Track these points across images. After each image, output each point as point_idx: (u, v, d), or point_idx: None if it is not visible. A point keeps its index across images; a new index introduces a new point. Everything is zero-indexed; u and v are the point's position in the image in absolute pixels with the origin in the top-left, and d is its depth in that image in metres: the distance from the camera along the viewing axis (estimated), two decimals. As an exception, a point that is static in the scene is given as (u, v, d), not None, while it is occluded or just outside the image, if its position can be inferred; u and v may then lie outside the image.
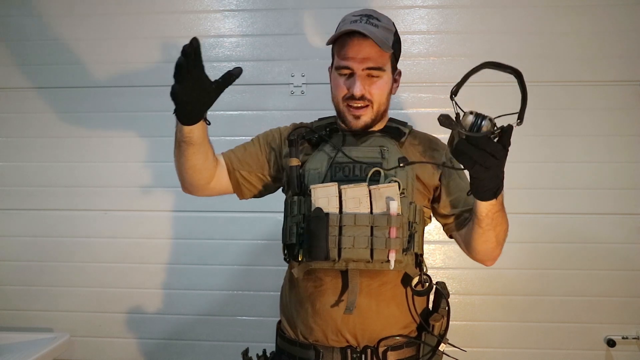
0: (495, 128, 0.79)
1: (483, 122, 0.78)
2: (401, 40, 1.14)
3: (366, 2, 1.87)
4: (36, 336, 1.78)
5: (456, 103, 0.81)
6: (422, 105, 1.90)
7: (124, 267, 1.97)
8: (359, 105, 1.05)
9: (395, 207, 0.96)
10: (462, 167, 0.83)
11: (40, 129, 2.00)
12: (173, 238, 1.96)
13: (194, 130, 1.00)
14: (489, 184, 0.86)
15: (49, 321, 1.99)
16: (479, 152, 0.79)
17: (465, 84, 0.86)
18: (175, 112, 1.00)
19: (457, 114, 0.80)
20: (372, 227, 0.97)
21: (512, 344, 1.87)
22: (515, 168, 1.89)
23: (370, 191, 0.98)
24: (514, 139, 0.81)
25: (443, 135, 1.19)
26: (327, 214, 0.96)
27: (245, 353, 1.18)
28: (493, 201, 0.90)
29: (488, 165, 0.80)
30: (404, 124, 1.15)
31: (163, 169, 1.97)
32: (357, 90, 1.03)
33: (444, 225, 1.15)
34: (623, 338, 1.83)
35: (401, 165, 0.92)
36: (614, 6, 1.85)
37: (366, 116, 1.07)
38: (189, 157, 1.05)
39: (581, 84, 1.86)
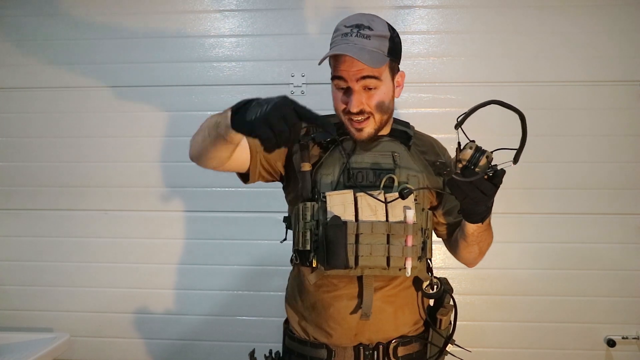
0: (489, 169, 0.83)
1: (480, 158, 0.83)
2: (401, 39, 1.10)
3: (367, 2, 1.87)
4: (36, 336, 1.78)
5: (463, 132, 0.84)
6: (422, 105, 1.90)
7: (124, 267, 1.97)
8: (360, 118, 1.03)
9: (412, 215, 0.98)
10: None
11: (40, 129, 2.00)
12: (174, 238, 1.96)
13: (240, 135, 0.89)
14: (476, 213, 0.91)
15: (49, 321, 1.99)
16: (471, 188, 0.83)
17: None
18: (236, 119, 0.85)
19: (459, 144, 0.84)
20: (388, 235, 0.98)
21: (512, 344, 1.87)
22: (516, 168, 1.89)
23: (386, 199, 0.98)
24: (514, 139, 0.82)
25: (443, 135, 1.20)
26: (345, 222, 0.97)
27: (252, 354, 1.18)
28: (480, 223, 0.95)
29: (477, 200, 0.85)
30: (407, 124, 1.15)
31: (164, 169, 1.96)
32: (354, 108, 1.01)
33: (435, 229, 1.19)
34: (623, 338, 1.83)
35: (404, 194, 0.94)
36: (614, 6, 1.85)
37: (369, 127, 1.04)
38: (219, 149, 0.95)
39: (581, 84, 1.86)
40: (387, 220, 0.98)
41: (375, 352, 1.03)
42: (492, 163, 0.84)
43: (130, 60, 1.97)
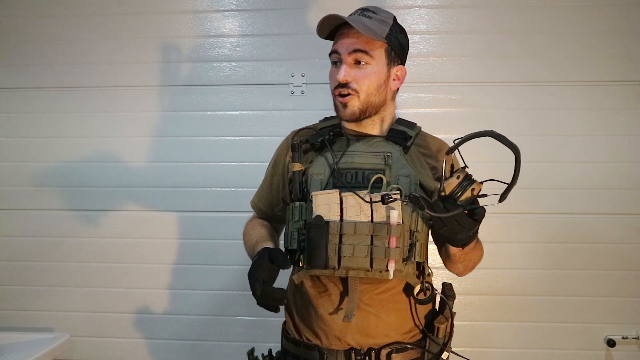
0: (471, 204, 0.81)
1: (466, 188, 0.81)
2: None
3: (366, 2, 1.87)
4: (36, 336, 1.78)
5: (459, 154, 0.84)
6: (422, 106, 1.90)
7: (124, 267, 1.97)
8: (345, 93, 1.04)
9: (395, 216, 0.95)
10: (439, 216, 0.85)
11: (40, 128, 2.00)
12: (173, 238, 1.96)
13: None
14: (457, 240, 0.89)
15: (49, 321, 1.99)
16: (449, 219, 0.82)
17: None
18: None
19: (452, 169, 0.83)
20: (372, 236, 0.96)
21: (512, 344, 1.87)
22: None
23: (371, 199, 0.97)
24: (514, 139, 0.81)
25: (443, 135, 1.20)
26: (328, 222, 0.96)
27: (250, 353, 1.17)
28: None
29: (456, 231, 0.85)
30: (412, 125, 1.13)
31: (163, 169, 1.96)
32: (340, 75, 1.02)
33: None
34: (623, 338, 1.83)
35: (386, 199, 0.93)
36: (613, 6, 1.85)
37: (353, 105, 1.04)
38: None
39: (581, 84, 1.86)
40: (371, 221, 0.96)
41: (367, 358, 1.01)
42: (481, 193, 0.82)
43: (130, 60, 1.97)
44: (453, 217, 0.81)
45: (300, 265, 1.00)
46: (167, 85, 1.97)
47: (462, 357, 1.09)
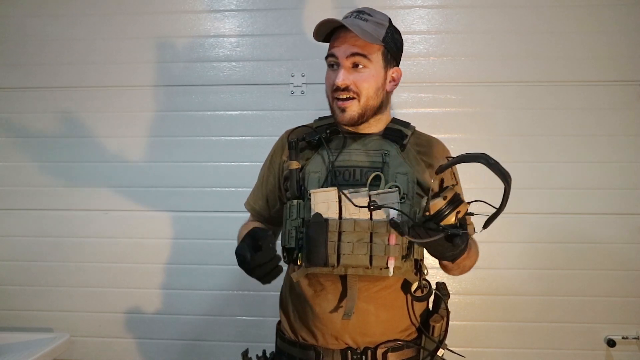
0: (455, 228, 0.78)
1: (451, 212, 0.79)
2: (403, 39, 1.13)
3: (366, 2, 1.87)
4: (36, 336, 1.78)
5: (453, 173, 0.82)
6: (422, 105, 1.90)
7: (124, 267, 1.97)
8: (344, 97, 1.04)
9: (395, 214, 0.95)
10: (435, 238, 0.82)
11: (40, 129, 2.00)
12: (173, 238, 1.96)
13: None
14: (444, 257, 0.88)
15: (49, 321, 1.99)
16: (431, 243, 0.81)
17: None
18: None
19: (441, 185, 0.83)
20: (371, 234, 0.96)
21: (511, 344, 1.87)
22: (516, 168, 1.89)
23: (370, 197, 0.97)
24: (514, 138, 0.81)
25: (443, 135, 1.20)
26: (327, 219, 0.96)
27: (245, 354, 1.17)
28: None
29: (438, 252, 0.84)
30: (407, 124, 1.13)
31: (163, 169, 1.96)
32: (339, 80, 1.02)
33: None
34: (623, 338, 1.83)
35: (372, 207, 0.92)
36: (614, 6, 1.85)
37: (352, 110, 1.04)
38: None
39: (581, 84, 1.86)
40: (370, 218, 0.96)
41: (364, 357, 1.01)
42: (469, 211, 0.81)
43: (130, 60, 1.97)
44: (435, 242, 0.80)
45: (299, 263, 1.00)
46: (167, 85, 1.97)
47: (458, 354, 1.09)
